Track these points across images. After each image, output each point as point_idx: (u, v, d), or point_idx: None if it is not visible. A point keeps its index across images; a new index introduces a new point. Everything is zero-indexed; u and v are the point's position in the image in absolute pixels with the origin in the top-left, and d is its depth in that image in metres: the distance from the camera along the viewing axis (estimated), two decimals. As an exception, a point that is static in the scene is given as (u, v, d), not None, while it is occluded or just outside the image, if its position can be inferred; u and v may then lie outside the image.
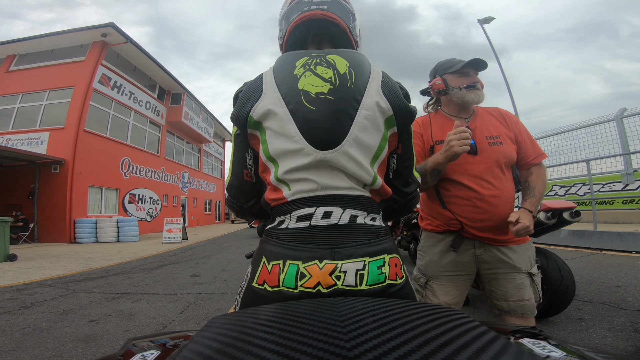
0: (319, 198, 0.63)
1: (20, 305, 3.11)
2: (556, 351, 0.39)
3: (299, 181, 0.64)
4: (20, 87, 11.47)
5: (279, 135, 0.64)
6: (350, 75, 0.66)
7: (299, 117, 0.63)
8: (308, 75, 0.66)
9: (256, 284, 0.61)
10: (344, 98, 0.64)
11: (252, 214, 0.81)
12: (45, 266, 5.51)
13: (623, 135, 7.70)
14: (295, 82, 0.66)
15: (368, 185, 0.65)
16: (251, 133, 0.69)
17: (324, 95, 0.64)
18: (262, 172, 0.70)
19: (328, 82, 0.65)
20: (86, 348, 2.10)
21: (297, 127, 0.63)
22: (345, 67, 0.67)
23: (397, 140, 0.70)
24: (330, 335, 0.33)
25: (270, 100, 0.65)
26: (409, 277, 0.66)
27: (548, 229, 2.32)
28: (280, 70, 0.69)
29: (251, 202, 0.78)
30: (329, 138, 0.63)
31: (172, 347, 0.54)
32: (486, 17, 10.83)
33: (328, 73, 0.66)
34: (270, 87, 0.67)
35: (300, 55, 0.70)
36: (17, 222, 9.11)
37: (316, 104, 0.63)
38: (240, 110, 0.68)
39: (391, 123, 0.67)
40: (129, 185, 13.19)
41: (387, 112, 0.66)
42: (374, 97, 0.65)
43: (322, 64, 0.67)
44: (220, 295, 3.47)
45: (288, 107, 0.64)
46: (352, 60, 0.69)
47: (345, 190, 0.63)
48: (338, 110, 0.63)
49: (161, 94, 16.57)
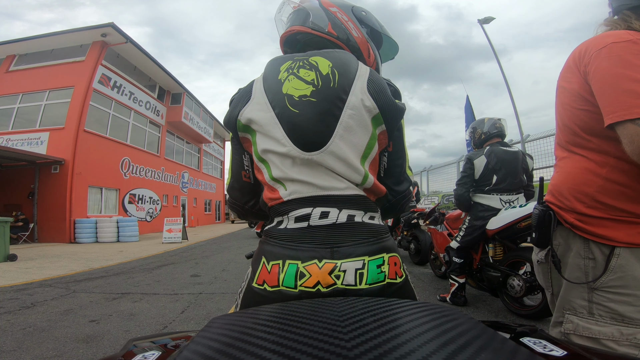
0: (315, 198, 0.63)
1: (20, 305, 3.12)
2: (556, 350, 0.39)
3: (294, 182, 0.64)
4: (20, 87, 11.46)
5: (267, 138, 0.66)
6: (334, 75, 0.66)
7: (284, 121, 0.64)
8: (291, 79, 0.67)
9: (256, 284, 0.62)
10: (327, 99, 0.64)
11: (254, 214, 0.83)
12: (45, 266, 5.51)
13: (623, 134, 7.70)
14: (279, 86, 0.67)
15: (359, 184, 0.65)
16: (242, 136, 0.71)
17: (307, 98, 0.65)
18: (257, 172, 0.71)
19: (310, 85, 0.66)
20: (87, 348, 2.10)
21: (284, 131, 0.64)
22: (328, 67, 0.68)
23: (388, 139, 0.70)
24: (331, 335, 0.33)
25: (257, 105, 0.67)
26: (408, 276, 0.66)
27: None
28: (269, 75, 0.71)
29: (251, 202, 0.80)
30: (314, 139, 0.63)
31: (172, 348, 0.54)
32: (486, 17, 10.82)
33: (310, 75, 0.67)
34: (259, 92, 0.69)
35: (285, 60, 0.72)
36: (17, 222, 9.12)
37: (299, 107, 0.64)
38: (230, 114, 0.71)
39: (379, 121, 0.67)
40: (129, 185, 13.19)
41: (372, 111, 0.66)
42: (359, 95, 0.65)
43: (305, 67, 0.68)
44: (220, 295, 3.48)
45: (274, 111, 0.65)
46: (335, 60, 0.69)
47: (340, 191, 0.64)
48: (321, 112, 0.64)
49: (161, 94, 16.56)
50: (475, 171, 2.65)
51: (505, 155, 2.61)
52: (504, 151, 2.62)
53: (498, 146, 2.66)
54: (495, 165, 2.58)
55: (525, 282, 2.27)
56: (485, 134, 2.78)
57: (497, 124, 2.76)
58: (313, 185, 0.63)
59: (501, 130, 2.76)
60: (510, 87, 10.36)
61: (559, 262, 0.91)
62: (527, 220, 2.30)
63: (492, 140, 2.75)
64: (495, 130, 2.75)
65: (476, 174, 2.65)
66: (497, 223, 2.48)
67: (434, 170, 11.99)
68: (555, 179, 0.98)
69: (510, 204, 2.57)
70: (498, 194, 2.60)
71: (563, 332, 0.89)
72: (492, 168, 2.59)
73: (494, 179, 2.60)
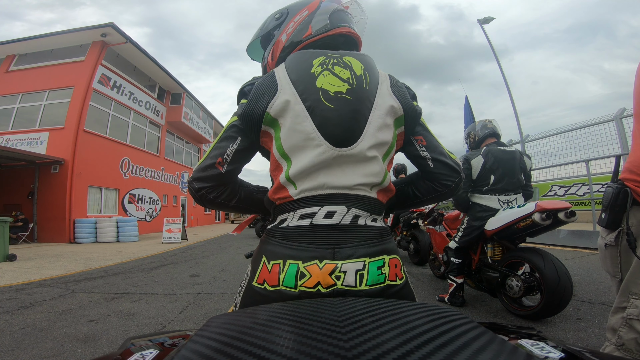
0: (325, 197, 0.63)
1: (19, 305, 3.11)
2: (554, 352, 0.39)
3: (307, 179, 0.64)
4: (20, 87, 11.44)
5: (295, 132, 0.64)
6: (365, 77, 0.68)
7: (316, 114, 0.64)
8: (326, 74, 0.67)
9: (256, 284, 0.62)
10: (360, 99, 0.66)
11: (208, 201, 0.72)
12: (44, 266, 5.50)
13: (622, 135, 7.70)
14: (313, 80, 0.66)
15: (378, 184, 0.67)
16: (265, 130, 0.68)
17: (343, 95, 0.65)
18: (274, 169, 0.69)
19: (346, 83, 0.67)
20: (85, 348, 2.10)
21: (315, 124, 0.64)
22: (361, 69, 0.69)
23: (403, 140, 0.73)
24: (330, 336, 0.33)
25: (286, 96, 0.65)
26: (408, 278, 0.66)
27: (544, 229, 2.33)
28: (296, 67, 0.69)
29: (206, 187, 0.70)
30: (346, 136, 0.64)
31: (170, 346, 0.54)
32: (486, 17, 10.83)
33: (346, 74, 0.68)
34: (285, 83, 0.67)
35: (317, 55, 0.71)
36: (16, 222, 9.11)
37: (335, 103, 0.65)
38: (255, 106, 0.67)
39: (400, 122, 0.70)
40: (129, 185, 13.18)
41: (398, 112, 0.69)
42: (386, 98, 0.68)
43: (340, 65, 0.69)
44: (219, 295, 3.47)
45: (305, 104, 0.64)
46: (365, 63, 0.71)
47: (352, 190, 0.64)
48: (355, 110, 0.65)
49: (161, 94, 16.55)
50: (473, 171, 2.65)
51: (503, 154, 2.61)
52: (501, 151, 2.62)
53: (495, 146, 2.66)
54: (492, 165, 2.58)
55: (524, 282, 2.27)
56: (479, 136, 2.80)
57: (487, 124, 2.80)
58: (327, 183, 0.64)
59: (493, 130, 2.76)
60: (510, 88, 10.38)
61: (635, 242, 0.85)
62: (525, 220, 2.30)
63: (488, 141, 2.76)
64: (487, 130, 2.76)
65: (473, 174, 2.65)
66: (495, 223, 2.48)
67: (433, 170, 11.97)
68: (635, 153, 0.91)
69: (508, 204, 2.57)
70: (496, 194, 2.59)
71: (625, 318, 0.86)
72: (489, 168, 2.59)
73: (491, 179, 2.60)
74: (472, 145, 2.92)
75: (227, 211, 0.85)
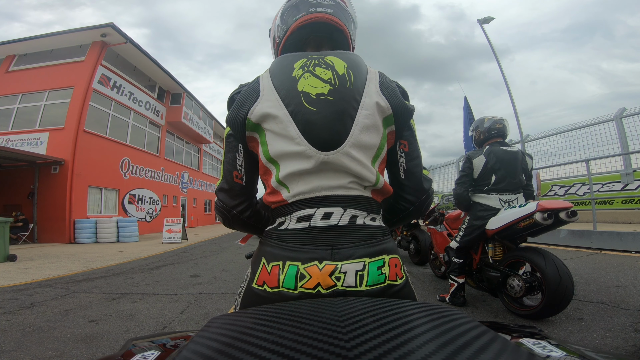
0: (320, 199, 0.63)
1: (20, 305, 3.11)
2: (556, 351, 0.39)
3: (299, 182, 0.63)
4: (20, 88, 11.45)
5: (280, 137, 0.63)
6: (349, 76, 0.66)
7: (299, 118, 0.63)
8: (307, 77, 0.65)
9: (256, 285, 0.62)
10: (344, 99, 0.64)
11: (241, 223, 0.76)
12: (45, 266, 5.50)
13: (622, 135, 7.69)
14: (294, 83, 0.65)
15: (371, 185, 0.65)
16: (249, 135, 0.68)
17: (325, 96, 0.64)
18: (263, 174, 0.69)
19: (327, 83, 0.65)
20: (86, 348, 2.10)
21: (299, 129, 0.62)
22: (344, 68, 0.67)
23: (394, 139, 0.71)
24: (330, 336, 0.33)
25: (268, 102, 0.65)
26: (409, 278, 0.66)
27: (545, 229, 2.33)
28: (278, 72, 0.68)
29: (240, 207, 0.74)
30: (331, 139, 0.62)
31: (172, 348, 0.54)
32: (485, 17, 10.83)
33: (327, 74, 0.66)
34: (268, 89, 0.66)
35: (298, 57, 0.70)
36: (16, 222, 9.10)
37: (317, 105, 0.63)
38: (238, 112, 0.67)
39: (389, 121, 0.68)
40: (129, 185, 13.18)
41: (386, 111, 0.66)
42: (373, 97, 0.66)
43: (321, 65, 0.67)
44: (220, 295, 3.47)
45: (288, 109, 0.63)
46: (349, 61, 0.69)
47: (347, 191, 0.63)
48: (339, 111, 0.63)
49: (161, 94, 16.55)
50: (474, 170, 2.65)
51: (505, 155, 2.60)
52: (503, 151, 2.62)
53: (498, 146, 2.66)
54: (494, 165, 2.58)
55: (525, 282, 2.27)
56: (485, 134, 2.78)
57: (497, 125, 2.74)
58: (320, 186, 0.63)
59: (501, 131, 2.74)
60: (510, 87, 10.37)
61: None
62: (527, 220, 2.29)
63: (492, 140, 2.75)
64: (495, 131, 2.74)
65: (475, 173, 2.65)
66: (496, 223, 2.48)
67: (434, 170, 12.01)
68: None
69: (509, 203, 2.57)
70: (497, 194, 2.59)
71: None
72: (491, 168, 2.59)
73: (492, 179, 2.60)
74: (476, 141, 2.90)
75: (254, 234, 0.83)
